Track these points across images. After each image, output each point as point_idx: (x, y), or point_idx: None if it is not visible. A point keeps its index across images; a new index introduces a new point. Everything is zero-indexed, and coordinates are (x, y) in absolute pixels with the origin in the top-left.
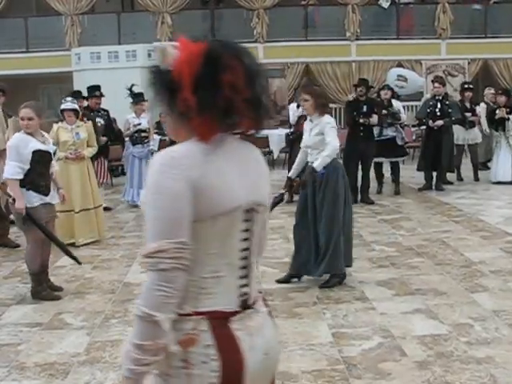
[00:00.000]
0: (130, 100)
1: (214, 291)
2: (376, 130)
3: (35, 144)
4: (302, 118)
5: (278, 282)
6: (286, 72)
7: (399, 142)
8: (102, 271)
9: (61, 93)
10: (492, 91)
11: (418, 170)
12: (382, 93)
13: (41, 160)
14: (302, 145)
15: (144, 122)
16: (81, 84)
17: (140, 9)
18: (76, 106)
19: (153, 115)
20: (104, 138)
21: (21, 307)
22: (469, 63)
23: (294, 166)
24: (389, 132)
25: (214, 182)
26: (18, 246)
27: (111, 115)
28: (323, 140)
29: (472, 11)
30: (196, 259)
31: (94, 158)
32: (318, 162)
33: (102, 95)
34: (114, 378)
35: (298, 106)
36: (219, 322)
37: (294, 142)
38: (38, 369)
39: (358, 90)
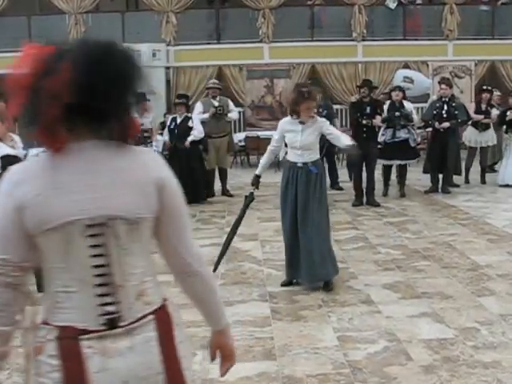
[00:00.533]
0: None
1: (66, 306)
2: (389, 133)
3: (4, 149)
4: None
5: (283, 285)
6: (292, 72)
7: (412, 144)
8: None
9: None
10: (498, 93)
11: (424, 172)
12: (394, 94)
13: (10, 166)
14: (272, 144)
15: (146, 121)
16: None
17: (145, 8)
18: None
19: (156, 115)
20: None
21: None
22: (476, 65)
23: (262, 164)
24: (401, 134)
25: (41, 198)
26: None
27: None
28: (316, 141)
29: (479, 12)
30: (47, 273)
31: None
32: (345, 138)
33: None
34: None
35: None
36: (69, 336)
37: None
38: None
39: (362, 91)
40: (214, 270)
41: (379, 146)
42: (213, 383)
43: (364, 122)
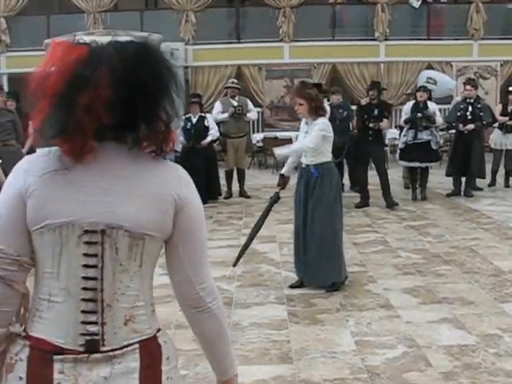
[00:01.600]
0: None
1: (46, 316)
2: (411, 134)
3: None
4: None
5: (291, 287)
6: (313, 72)
7: (434, 147)
8: None
9: None
10: None
11: (447, 175)
12: (418, 95)
13: None
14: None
15: None
16: None
17: (164, 6)
18: None
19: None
20: None
21: None
22: (501, 65)
23: (288, 164)
24: (424, 136)
25: (47, 191)
26: None
27: None
28: (322, 143)
29: (506, 10)
30: (36, 277)
31: None
32: (281, 149)
33: None
34: None
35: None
36: (41, 355)
37: None
38: None
39: (370, 93)
40: (234, 265)
41: (400, 147)
42: None
43: (371, 124)
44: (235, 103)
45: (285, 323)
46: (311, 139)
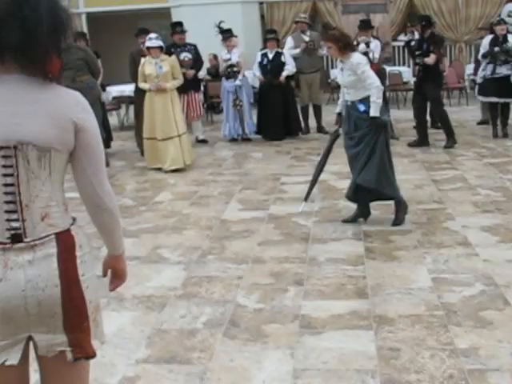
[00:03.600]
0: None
1: None
2: (490, 68)
3: None
4: (366, 55)
5: (345, 221)
6: (389, 7)
7: None
8: (200, 208)
9: (159, 29)
10: None
11: None
12: (498, 28)
13: None
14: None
15: (234, 57)
16: (178, 20)
17: None
18: (160, 43)
19: (249, 51)
20: (192, 71)
21: None
22: None
23: (339, 102)
24: (503, 70)
25: None
26: None
27: (211, 51)
28: (357, 80)
29: None
30: None
31: (184, 92)
32: (373, 110)
33: (183, 31)
34: (209, 313)
35: (358, 44)
36: None
37: None
38: (135, 300)
39: (415, 28)
40: (306, 200)
41: (478, 82)
42: (304, 319)
43: (417, 60)
44: (306, 38)
45: (361, 259)
46: (373, 80)
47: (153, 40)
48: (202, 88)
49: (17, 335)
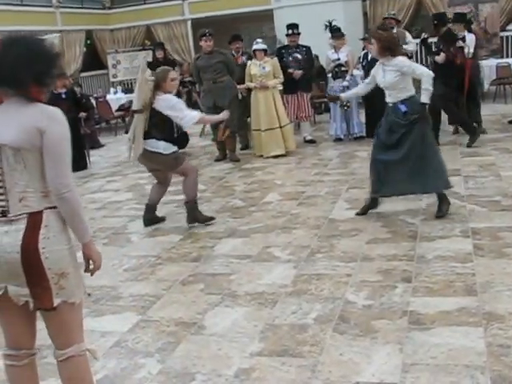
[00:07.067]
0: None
1: None
2: None
3: None
4: (459, 51)
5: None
6: None
7: None
8: (308, 207)
9: (261, 32)
10: None
11: None
12: None
13: None
14: (367, 80)
15: (342, 56)
16: (281, 22)
17: None
18: (264, 46)
19: (355, 49)
20: (299, 72)
21: (231, 240)
22: None
23: (352, 91)
24: None
25: None
26: None
27: (313, 52)
28: (401, 80)
29: None
30: None
31: (293, 92)
32: (424, 96)
33: (296, 33)
34: (319, 309)
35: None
36: None
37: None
38: (248, 297)
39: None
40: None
41: None
42: (413, 315)
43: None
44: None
45: (470, 256)
46: (419, 68)
47: (259, 44)
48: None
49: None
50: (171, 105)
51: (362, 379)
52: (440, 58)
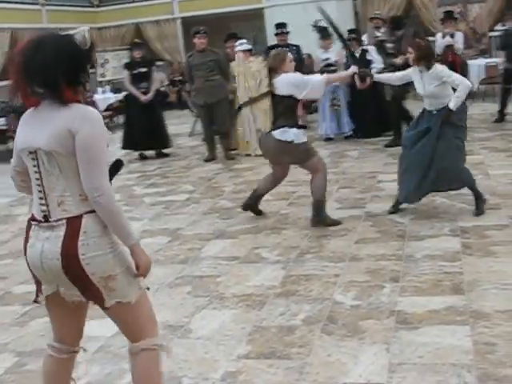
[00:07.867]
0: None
1: (33, 202)
2: None
3: None
4: (449, 48)
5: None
6: None
7: None
8: (298, 207)
9: (253, 30)
10: None
11: None
12: None
13: None
14: (400, 74)
15: (332, 56)
16: (272, 20)
17: None
18: (249, 47)
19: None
20: None
21: (219, 241)
22: None
23: (386, 75)
24: None
25: (18, 130)
26: None
27: (304, 51)
28: (442, 88)
29: None
30: None
31: None
32: (453, 103)
33: (285, 32)
34: (307, 310)
35: (444, 36)
36: (30, 222)
37: None
38: (235, 299)
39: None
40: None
41: None
42: (400, 315)
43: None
44: (379, 34)
45: (458, 255)
46: (459, 78)
47: (243, 45)
48: None
49: (50, 283)
50: (299, 80)
51: (349, 380)
52: (398, 59)
